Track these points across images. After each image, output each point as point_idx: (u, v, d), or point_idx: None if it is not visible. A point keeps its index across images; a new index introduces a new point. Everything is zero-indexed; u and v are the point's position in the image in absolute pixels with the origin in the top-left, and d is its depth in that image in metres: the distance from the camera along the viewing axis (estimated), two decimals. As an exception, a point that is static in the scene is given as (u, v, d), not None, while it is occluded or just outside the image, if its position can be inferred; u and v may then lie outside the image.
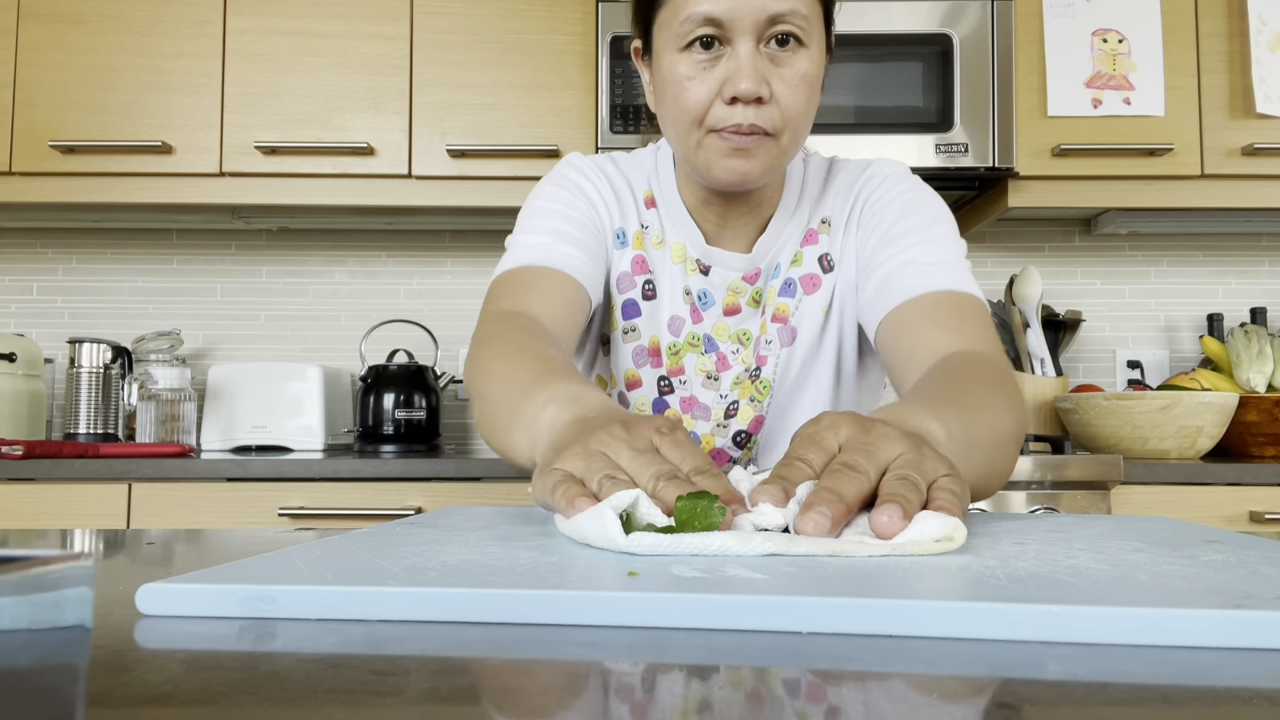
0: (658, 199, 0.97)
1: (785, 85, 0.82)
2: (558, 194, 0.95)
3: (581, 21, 2.05)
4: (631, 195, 0.97)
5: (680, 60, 0.83)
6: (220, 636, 0.35)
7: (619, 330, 0.96)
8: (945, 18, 1.94)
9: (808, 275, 0.94)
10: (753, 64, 0.80)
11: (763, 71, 0.81)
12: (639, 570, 0.42)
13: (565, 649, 0.33)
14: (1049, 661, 0.31)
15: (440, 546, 0.49)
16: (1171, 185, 2.02)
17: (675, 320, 0.95)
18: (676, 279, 0.95)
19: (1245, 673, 0.30)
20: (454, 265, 2.43)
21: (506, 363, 0.75)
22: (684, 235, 0.95)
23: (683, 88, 0.83)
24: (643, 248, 0.96)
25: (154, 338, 2.20)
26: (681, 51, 0.83)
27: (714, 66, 0.82)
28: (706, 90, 0.82)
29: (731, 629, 0.35)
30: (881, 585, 0.38)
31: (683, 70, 0.82)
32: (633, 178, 0.98)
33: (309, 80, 2.06)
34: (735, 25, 0.80)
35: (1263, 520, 1.71)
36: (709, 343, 0.95)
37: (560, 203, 0.94)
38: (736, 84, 0.80)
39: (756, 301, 0.95)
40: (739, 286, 0.95)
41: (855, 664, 0.31)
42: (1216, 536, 0.55)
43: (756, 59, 0.81)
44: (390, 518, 1.72)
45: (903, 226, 0.90)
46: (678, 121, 0.85)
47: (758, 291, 0.95)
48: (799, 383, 0.95)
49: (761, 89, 0.80)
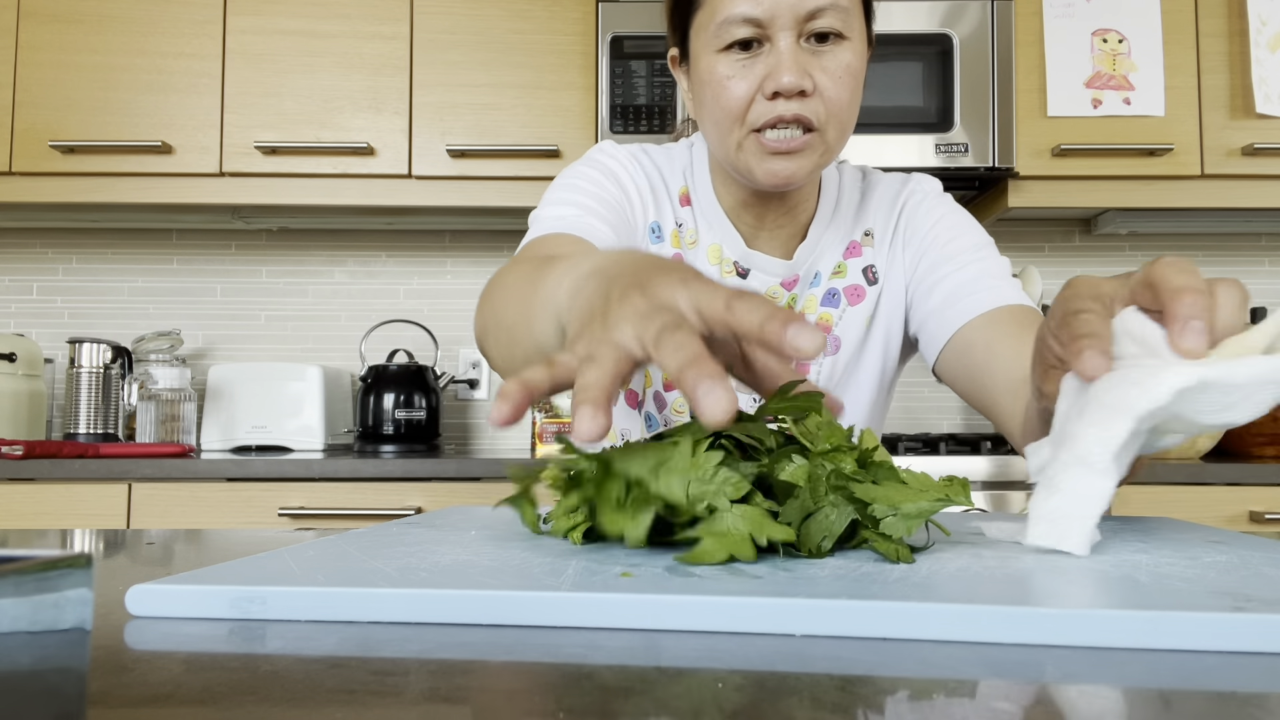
0: (693, 197, 0.94)
1: (828, 77, 0.80)
2: (588, 173, 0.90)
3: (582, 21, 2.05)
4: (666, 190, 0.94)
5: (719, 61, 0.81)
6: (215, 637, 0.35)
7: None
8: (945, 18, 1.94)
9: (852, 286, 0.93)
10: (794, 57, 0.79)
11: (804, 65, 0.79)
12: (633, 571, 0.42)
13: (563, 650, 0.33)
14: (1048, 664, 0.31)
15: (435, 547, 0.49)
16: (1171, 185, 2.02)
17: None
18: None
19: (1246, 675, 0.30)
20: (454, 265, 2.43)
21: (518, 272, 0.66)
22: (720, 237, 0.93)
23: (723, 86, 0.81)
24: (679, 246, 0.93)
25: (154, 338, 2.19)
26: (720, 53, 0.81)
27: (754, 64, 0.80)
28: (747, 87, 0.80)
29: (728, 631, 0.35)
30: (879, 588, 0.38)
31: (722, 70, 0.81)
32: (667, 172, 0.95)
33: (309, 80, 2.06)
34: (774, 22, 0.79)
35: (1263, 520, 1.71)
36: None
37: (590, 182, 0.89)
38: (778, 78, 0.78)
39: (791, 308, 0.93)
40: (776, 292, 0.93)
41: (853, 666, 0.31)
42: (1220, 537, 0.55)
43: (798, 53, 0.79)
44: (390, 518, 1.72)
45: (960, 244, 0.90)
46: (719, 122, 0.83)
47: (793, 298, 0.93)
48: (839, 391, 0.95)
49: (804, 81, 0.79)
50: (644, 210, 0.92)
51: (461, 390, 2.40)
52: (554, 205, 0.86)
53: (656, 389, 0.94)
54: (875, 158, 1.92)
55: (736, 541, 0.45)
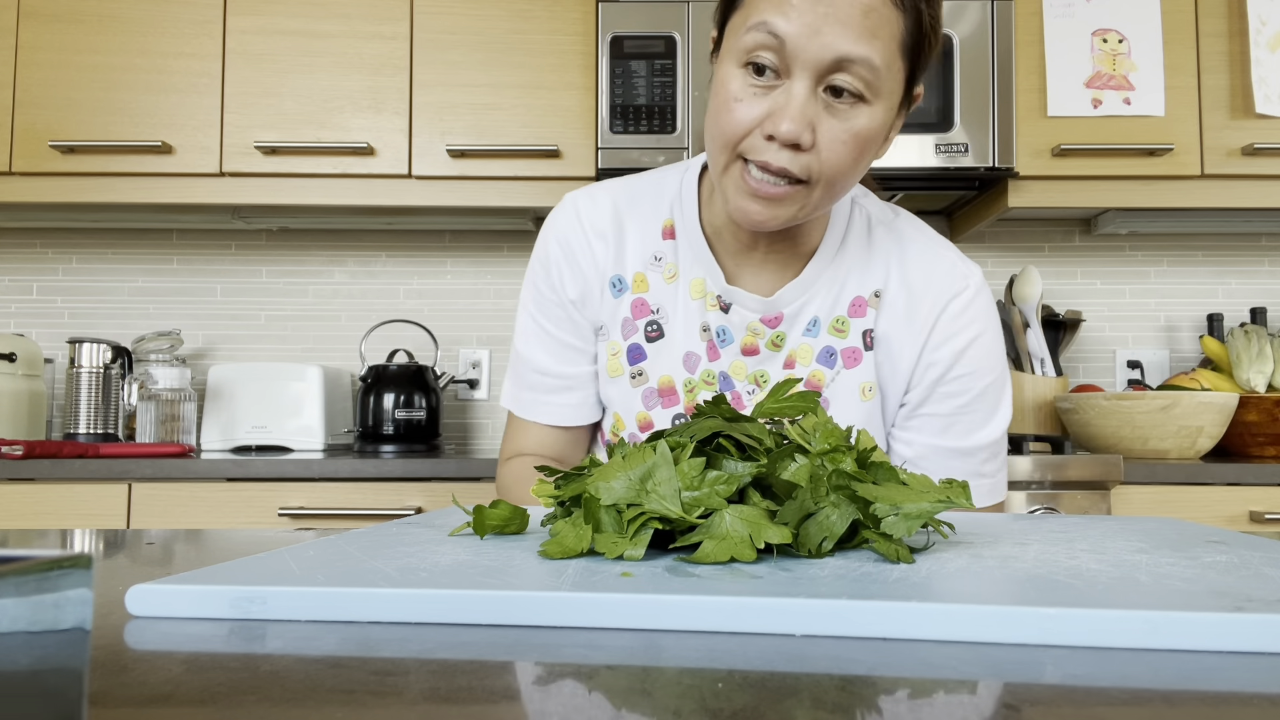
0: (678, 229, 0.92)
1: (831, 137, 0.76)
2: (536, 298, 0.95)
3: (582, 21, 2.05)
4: (641, 231, 0.93)
5: (734, 76, 0.77)
6: (215, 637, 0.35)
7: (626, 375, 0.93)
8: (945, 18, 1.94)
9: (850, 349, 0.90)
10: (801, 106, 0.74)
11: (811, 117, 0.75)
12: (633, 571, 0.42)
13: (563, 650, 0.33)
14: (1048, 664, 0.31)
15: (435, 547, 0.49)
16: (1171, 185, 2.02)
17: (691, 357, 0.91)
18: (693, 315, 0.91)
19: (1246, 675, 0.30)
20: (454, 265, 2.43)
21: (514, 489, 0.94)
22: (704, 270, 0.90)
23: (728, 107, 0.77)
24: (645, 289, 0.92)
25: (154, 338, 2.19)
26: (740, 68, 0.77)
27: (765, 96, 0.76)
28: (750, 117, 0.76)
29: (729, 631, 0.35)
30: (879, 588, 0.38)
31: (734, 88, 0.77)
32: (649, 207, 0.93)
33: (309, 80, 2.06)
34: (796, 55, 0.74)
35: (1263, 520, 1.71)
36: (725, 380, 0.91)
37: (540, 316, 0.95)
38: (778, 123, 0.75)
39: (777, 345, 0.90)
40: (757, 328, 0.90)
41: (853, 666, 0.31)
42: (1221, 537, 0.55)
43: (809, 102, 0.75)
44: (390, 518, 1.72)
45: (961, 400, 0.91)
46: (715, 138, 0.80)
47: (779, 336, 0.90)
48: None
49: (803, 135, 0.75)
50: (599, 273, 0.93)
51: (461, 390, 2.40)
52: (515, 369, 0.97)
53: (631, 430, 0.94)
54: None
55: (736, 543, 0.45)
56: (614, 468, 0.48)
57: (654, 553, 0.47)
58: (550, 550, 0.46)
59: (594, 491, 0.47)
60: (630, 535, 0.46)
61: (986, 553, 0.48)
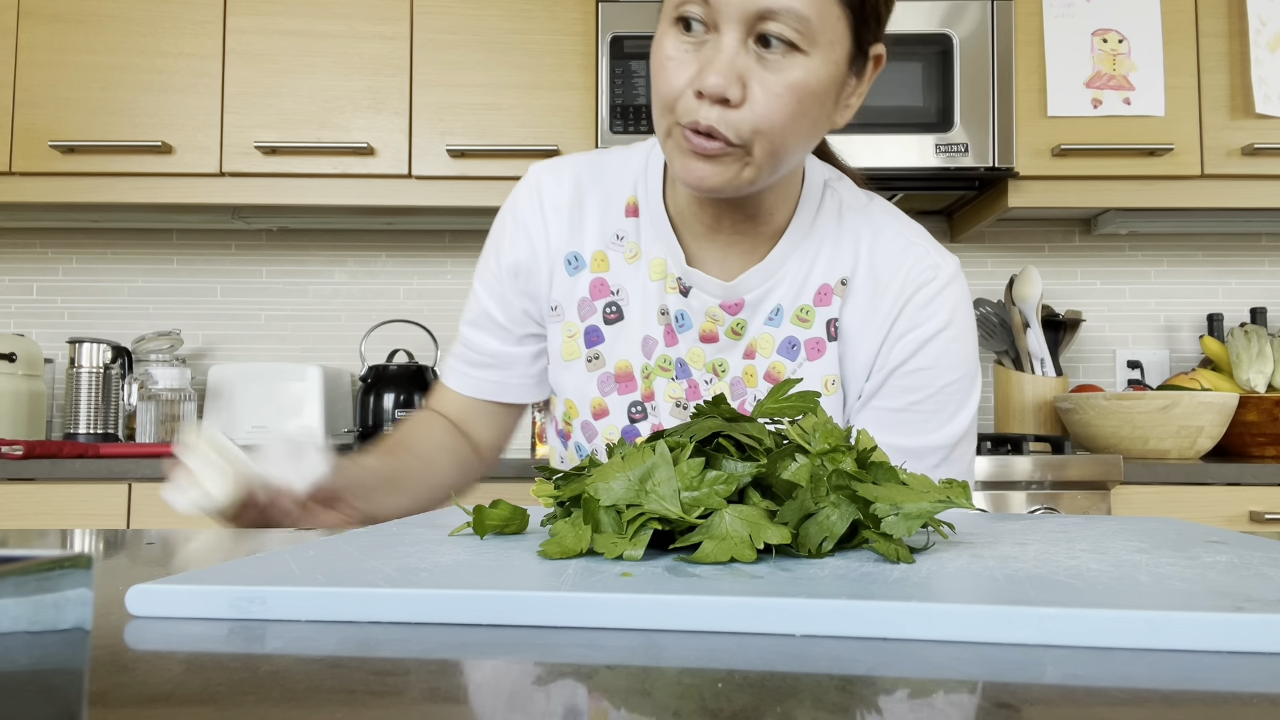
0: (641, 208, 0.88)
1: (765, 90, 0.72)
2: (481, 267, 0.97)
3: (581, 21, 2.05)
4: (602, 207, 0.89)
5: (668, 36, 0.74)
6: (215, 637, 0.35)
7: (582, 359, 0.89)
8: (945, 18, 1.94)
9: (814, 340, 0.85)
10: (729, 59, 0.71)
11: (741, 70, 0.71)
12: (633, 571, 0.42)
13: (563, 650, 0.33)
14: (1048, 664, 0.31)
15: (435, 547, 0.49)
16: (1171, 185, 2.02)
17: (648, 341, 0.87)
18: (651, 297, 0.87)
19: (1246, 676, 0.30)
20: (454, 265, 2.43)
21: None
22: (665, 250, 0.87)
23: (662, 68, 0.74)
24: (605, 269, 0.89)
25: (154, 338, 2.19)
26: (672, 25, 0.74)
27: (697, 52, 0.73)
28: (683, 77, 0.73)
29: (728, 631, 0.35)
30: (879, 588, 0.38)
31: (668, 48, 0.74)
32: (614, 183, 0.90)
33: (309, 80, 2.06)
34: (721, 7, 0.71)
35: (1263, 520, 1.71)
36: (681, 368, 0.87)
37: (479, 285, 0.97)
38: (705, 78, 0.71)
39: (737, 333, 0.86)
40: (717, 314, 0.86)
41: (853, 666, 0.31)
42: (1221, 537, 0.55)
43: (737, 54, 0.71)
44: (390, 518, 1.72)
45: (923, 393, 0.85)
46: (655, 104, 0.77)
47: (739, 323, 0.86)
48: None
49: (730, 89, 0.71)
50: (552, 251, 0.90)
51: (461, 390, 2.40)
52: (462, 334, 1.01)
53: (584, 419, 0.90)
54: (875, 158, 1.92)
55: (736, 544, 0.45)
56: (613, 468, 0.48)
57: (654, 553, 0.47)
58: (550, 550, 0.46)
59: (593, 492, 0.48)
60: (630, 535, 0.46)
61: (986, 553, 0.48)
